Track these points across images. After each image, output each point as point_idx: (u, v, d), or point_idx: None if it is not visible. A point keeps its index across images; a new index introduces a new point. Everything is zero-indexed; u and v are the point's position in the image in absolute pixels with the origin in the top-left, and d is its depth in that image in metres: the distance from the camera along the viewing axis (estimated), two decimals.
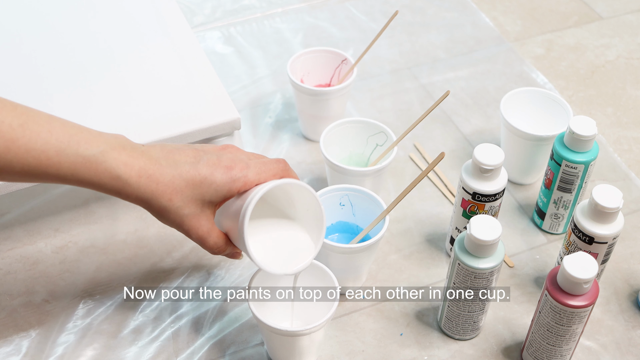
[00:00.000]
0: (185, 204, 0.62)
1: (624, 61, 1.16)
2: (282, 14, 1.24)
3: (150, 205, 0.62)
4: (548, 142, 0.88)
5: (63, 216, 0.90)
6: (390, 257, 0.87)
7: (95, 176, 0.59)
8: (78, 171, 0.59)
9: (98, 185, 0.60)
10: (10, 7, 0.97)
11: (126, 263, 0.85)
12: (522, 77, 1.12)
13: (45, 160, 0.57)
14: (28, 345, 0.78)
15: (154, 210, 0.63)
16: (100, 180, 0.60)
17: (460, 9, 1.26)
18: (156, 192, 0.61)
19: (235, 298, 0.82)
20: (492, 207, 0.79)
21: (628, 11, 1.27)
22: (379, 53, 1.16)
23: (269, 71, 1.12)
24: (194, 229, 0.64)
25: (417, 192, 0.94)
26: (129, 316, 0.80)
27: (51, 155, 0.57)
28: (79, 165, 0.58)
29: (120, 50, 0.92)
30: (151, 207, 0.62)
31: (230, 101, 0.86)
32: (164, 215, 0.63)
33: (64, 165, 0.58)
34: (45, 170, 0.58)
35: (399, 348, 0.78)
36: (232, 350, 0.77)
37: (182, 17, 0.98)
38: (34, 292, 0.83)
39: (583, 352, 0.78)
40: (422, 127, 1.03)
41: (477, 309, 0.74)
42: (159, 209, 0.62)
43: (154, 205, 0.62)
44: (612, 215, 0.73)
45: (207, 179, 0.62)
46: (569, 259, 0.66)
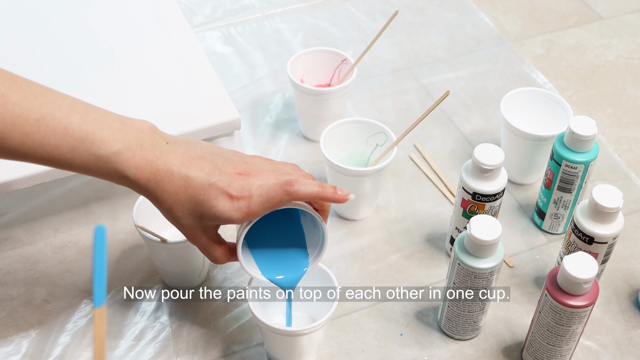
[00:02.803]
0: (184, 216, 0.63)
1: (624, 61, 1.16)
2: (282, 14, 1.24)
3: (155, 204, 0.64)
4: (548, 142, 0.88)
5: (63, 216, 0.90)
6: (390, 257, 0.87)
7: (107, 174, 0.61)
8: (90, 168, 0.60)
9: (108, 179, 0.62)
10: (10, 7, 0.97)
11: (126, 263, 0.85)
12: (522, 77, 1.12)
13: (58, 155, 0.59)
14: (28, 345, 0.78)
15: (158, 208, 0.64)
16: (110, 177, 0.61)
17: (460, 9, 1.26)
18: (160, 198, 0.62)
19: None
20: (492, 207, 0.79)
21: (628, 11, 1.27)
22: (379, 53, 1.16)
23: (269, 71, 1.12)
24: (192, 239, 0.66)
25: (417, 192, 0.94)
26: (129, 316, 0.80)
27: (64, 151, 0.59)
28: (91, 163, 0.60)
29: (121, 50, 0.92)
30: (156, 205, 0.64)
31: (230, 101, 0.86)
32: (165, 217, 0.65)
33: (76, 161, 0.59)
34: (57, 163, 0.59)
35: (399, 348, 0.78)
36: (232, 350, 0.77)
37: (182, 17, 0.98)
38: (34, 292, 0.83)
39: (583, 352, 0.78)
40: (422, 127, 1.03)
41: (477, 309, 0.74)
42: (161, 210, 0.64)
43: (157, 207, 0.64)
44: (612, 215, 0.73)
45: (209, 201, 0.62)
46: (569, 259, 0.66)
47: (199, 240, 0.66)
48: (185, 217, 0.63)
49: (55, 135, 0.58)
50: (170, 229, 0.82)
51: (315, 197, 0.63)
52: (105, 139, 0.60)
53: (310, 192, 0.62)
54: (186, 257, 0.78)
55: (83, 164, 0.60)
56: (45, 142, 0.58)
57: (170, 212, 0.63)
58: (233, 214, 0.62)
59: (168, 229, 0.82)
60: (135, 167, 0.61)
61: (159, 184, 0.62)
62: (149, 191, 0.62)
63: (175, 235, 0.80)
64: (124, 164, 0.60)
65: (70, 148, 0.59)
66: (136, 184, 0.62)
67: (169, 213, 0.64)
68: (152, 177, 0.61)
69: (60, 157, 0.59)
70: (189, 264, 0.79)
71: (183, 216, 0.63)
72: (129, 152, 0.60)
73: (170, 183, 0.62)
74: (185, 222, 0.64)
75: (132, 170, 0.61)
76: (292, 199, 0.62)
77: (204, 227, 0.65)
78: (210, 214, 0.62)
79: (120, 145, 0.60)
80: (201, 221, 0.64)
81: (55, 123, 0.58)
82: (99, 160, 0.60)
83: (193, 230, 0.65)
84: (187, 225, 0.64)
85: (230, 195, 0.62)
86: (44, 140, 0.58)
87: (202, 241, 0.66)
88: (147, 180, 0.61)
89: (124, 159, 0.60)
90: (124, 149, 0.60)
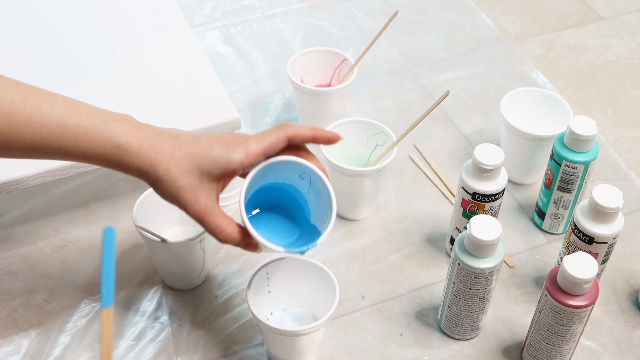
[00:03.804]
0: (182, 175, 0.61)
1: (624, 61, 1.16)
2: (282, 14, 1.24)
3: (148, 175, 0.61)
4: (548, 142, 0.88)
5: (63, 216, 0.90)
6: (390, 257, 0.87)
7: (97, 146, 0.60)
8: (80, 142, 0.59)
9: (100, 156, 0.60)
10: (10, 7, 0.97)
11: (126, 263, 0.85)
12: (522, 77, 1.12)
13: (46, 133, 0.58)
14: (28, 345, 0.78)
15: (152, 181, 0.62)
16: (102, 150, 0.60)
17: (460, 9, 1.26)
18: (155, 160, 0.61)
19: (235, 298, 0.82)
20: (492, 207, 0.79)
21: (628, 11, 1.27)
22: (379, 53, 1.16)
23: (269, 71, 1.12)
24: (190, 203, 0.61)
25: (417, 192, 0.94)
26: (129, 316, 0.80)
27: (52, 128, 0.58)
28: (80, 136, 0.59)
29: (120, 50, 0.92)
30: (149, 177, 0.61)
31: (230, 101, 0.86)
32: (160, 187, 0.62)
33: (65, 137, 0.59)
34: (47, 143, 0.58)
35: (399, 348, 0.78)
36: (232, 350, 0.77)
37: (182, 17, 0.98)
38: (34, 292, 0.83)
39: (583, 352, 0.78)
40: (422, 127, 1.03)
41: (477, 309, 0.74)
42: (156, 179, 0.61)
43: (152, 175, 0.61)
44: (612, 215, 0.73)
45: (205, 150, 0.61)
46: (569, 259, 0.66)
47: (197, 202, 0.61)
48: (183, 175, 0.61)
49: (42, 113, 0.58)
50: (170, 229, 0.82)
51: (308, 133, 0.63)
52: (91, 112, 0.60)
53: (303, 129, 0.63)
54: (186, 257, 0.78)
55: (72, 140, 0.59)
56: (32, 120, 0.58)
57: (168, 172, 0.61)
58: (231, 155, 0.61)
59: (168, 229, 0.82)
60: (126, 133, 0.60)
61: (152, 146, 0.61)
62: (142, 157, 0.60)
63: (175, 235, 0.80)
64: (114, 131, 0.60)
65: (58, 124, 0.58)
66: (129, 151, 0.60)
67: (167, 175, 0.61)
68: (144, 140, 0.61)
69: (48, 136, 0.58)
70: (189, 264, 0.79)
71: (181, 175, 0.61)
72: (117, 122, 0.60)
73: (162, 143, 0.61)
74: (185, 182, 0.61)
75: (123, 136, 0.60)
76: (287, 136, 0.62)
77: (204, 187, 0.61)
78: (207, 162, 0.61)
79: (107, 117, 0.60)
80: (201, 177, 0.61)
81: (40, 102, 0.58)
82: (88, 132, 0.59)
83: (193, 192, 0.61)
84: (187, 187, 0.61)
85: (225, 143, 0.62)
86: (30, 120, 0.58)
87: (202, 204, 0.61)
88: (139, 145, 0.60)
89: (113, 127, 0.60)
90: (111, 120, 0.60)
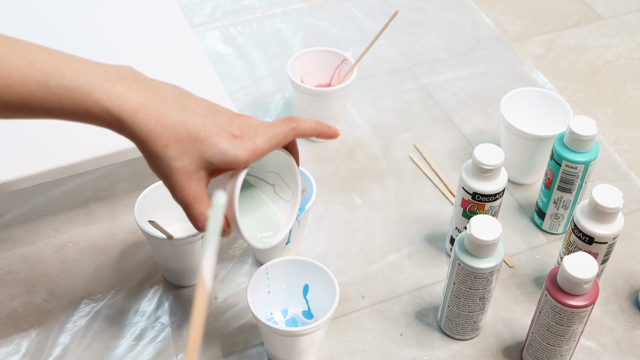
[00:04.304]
0: (180, 156, 0.55)
1: (624, 61, 1.16)
2: (282, 14, 1.24)
3: (142, 145, 0.55)
4: (548, 142, 0.88)
5: (63, 216, 0.90)
6: (390, 257, 0.87)
7: (84, 109, 0.53)
8: (64, 105, 0.53)
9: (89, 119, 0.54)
10: (10, 7, 0.97)
11: (126, 263, 0.85)
12: (522, 77, 1.12)
13: (26, 94, 0.52)
14: (28, 345, 0.78)
15: (146, 153, 0.56)
16: (89, 113, 0.53)
17: (460, 9, 1.26)
18: (153, 133, 0.54)
19: (235, 298, 0.82)
20: (492, 207, 0.79)
21: (628, 11, 1.27)
22: (379, 53, 1.16)
23: (269, 71, 1.12)
24: (181, 187, 0.57)
25: (417, 192, 0.94)
26: (129, 316, 0.80)
27: (32, 89, 0.52)
28: (64, 98, 0.53)
29: (120, 50, 0.92)
30: (144, 148, 0.55)
31: (230, 101, 0.86)
32: (154, 161, 0.56)
33: (47, 99, 0.53)
34: (28, 105, 0.53)
35: (399, 348, 0.78)
36: (232, 350, 0.77)
37: (182, 17, 0.98)
38: (34, 292, 0.83)
39: (583, 352, 0.78)
40: (422, 127, 1.03)
41: (477, 309, 0.74)
42: (151, 152, 0.55)
43: (147, 148, 0.55)
44: (612, 215, 0.73)
45: (212, 138, 0.56)
46: (569, 259, 0.66)
47: (190, 189, 0.57)
48: (180, 157, 0.55)
49: (21, 72, 0.52)
50: (170, 226, 0.82)
51: (314, 130, 0.63)
52: (78, 70, 0.53)
53: (310, 126, 0.62)
54: (188, 253, 0.78)
55: (55, 102, 0.52)
56: (9, 81, 0.52)
57: (166, 149, 0.54)
58: (238, 152, 0.56)
59: (168, 226, 0.82)
60: (118, 96, 0.52)
61: (151, 115, 0.53)
62: (137, 125, 0.53)
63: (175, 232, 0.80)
64: (102, 95, 0.52)
65: (39, 84, 0.52)
66: (120, 118, 0.53)
67: (163, 152, 0.55)
68: (142, 107, 0.53)
69: (28, 97, 0.52)
70: (191, 261, 0.79)
71: (178, 156, 0.55)
72: (109, 83, 0.53)
73: (164, 115, 0.54)
74: (180, 164, 0.55)
75: (115, 100, 0.52)
76: (295, 134, 0.61)
77: (199, 174, 0.57)
78: (212, 151, 0.56)
79: (95, 76, 0.52)
80: (199, 164, 0.56)
81: (19, 60, 0.52)
82: (72, 94, 0.52)
83: (187, 176, 0.56)
84: (180, 169, 0.56)
85: (233, 134, 0.57)
86: (8, 80, 0.52)
87: (192, 190, 0.57)
88: (134, 112, 0.53)
89: (102, 89, 0.52)
90: (101, 80, 0.52)
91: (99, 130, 0.59)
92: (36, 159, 0.78)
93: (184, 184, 0.57)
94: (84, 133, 0.75)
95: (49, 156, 0.78)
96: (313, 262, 0.74)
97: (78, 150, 0.79)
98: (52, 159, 0.78)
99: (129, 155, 0.80)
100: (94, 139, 0.79)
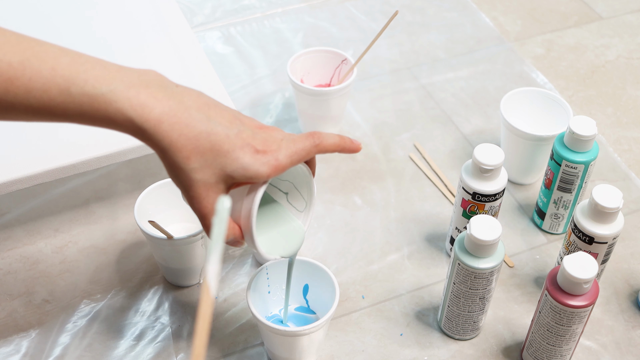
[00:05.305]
0: (201, 168, 0.55)
1: (624, 61, 1.16)
2: (282, 14, 1.23)
3: (164, 155, 0.55)
4: (548, 142, 0.88)
5: (63, 216, 0.90)
6: (390, 257, 0.87)
7: (106, 117, 0.52)
8: (85, 112, 0.52)
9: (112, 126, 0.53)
10: (10, 7, 0.97)
11: (126, 263, 0.85)
12: (522, 77, 1.12)
13: (48, 100, 0.51)
14: (28, 345, 0.78)
15: (167, 162, 0.56)
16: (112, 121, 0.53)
17: (460, 9, 1.26)
18: (176, 144, 0.54)
19: (234, 298, 0.82)
20: (492, 207, 0.79)
21: (628, 11, 1.27)
22: (379, 53, 1.16)
23: (269, 71, 1.12)
24: (199, 199, 0.56)
25: (417, 192, 0.94)
26: (129, 316, 0.80)
27: (54, 95, 0.51)
28: (85, 105, 0.52)
29: (121, 50, 0.92)
30: (166, 158, 0.55)
31: (230, 101, 0.86)
32: (175, 171, 0.56)
33: (69, 106, 0.52)
34: (50, 111, 0.52)
35: (399, 348, 0.78)
36: (232, 350, 0.77)
37: (182, 17, 0.98)
38: (34, 292, 0.83)
39: (583, 352, 0.78)
40: (422, 127, 1.03)
41: (477, 309, 0.74)
42: (172, 163, 0.55)
43: (168, 158, 0.55)
44: (612, 215, 0.73)
45: (235, 152, 0.55)
46: (569, 259, 0.66)
47: (209, 201, 0.56)
48: (202, 169, 0.55)
49: (42, 77, 0.51)
50: (170, 226, 0.82)
51: (337, 146, 0.62)
52: (101, 77, 0.52)
53: (333, 142, 0.61)
54: (188, 253, 0.78)
55: (77, 109, 0.52)
56: (31, 86, 0.51)
57: (187, 162, 0.54)
58: (260, 167, 0.56)
59: (168, 226, 0.82)
60: (142, 105, 0.52)
61: (174, 126, 0.53)
62: (160, 136, 0.53)
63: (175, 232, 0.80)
64: (125, 103, 0.51)
65: (60, 90, 0.51)
66: (143, 129, 0.52)
67: (185, 164, 0.54)
68: (166, 117, 0.52)
69: (50, 103, 0.51)
70: (191, 261, 0.79)
71: (200, 168, 0.55)
72: (132, 90, 0.52)
73: (189, 126, 0.53)
74: (201, 176, 0.55)
75: (138, 109, 0.52)
76: (318, 150, 0.60)
77: (219, 187, 0.56)
78: (234, 166, 0.55)
79: (119, 84, 0.52)
80: (220, 177, 0.56)
81: (41, 64, 0.51)
82: (94, 101, 0.51)
83: (206, 189, 0.56)
84: (200, 181, 0.55)
85: (255, 149, 0.56)
86: (29, 85, 0.51)
87: (212, 202, 0.56)
88: (158, 122, 0.52)
89: (125, 97, 0.52)
90: (124, 88, 0.52)
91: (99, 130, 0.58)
92: (36, 159, 0.78)
93: (203, 196, 0.56)
94: (84, 133, 0.75)
95: (49, 156, 0.78)
96: (313, 262, 0.74)
97: (78, 150, 0.79)
98: (52, 159, 0.78)
99: (129, 155, 0.80)
100: (93, 139, 0.79)
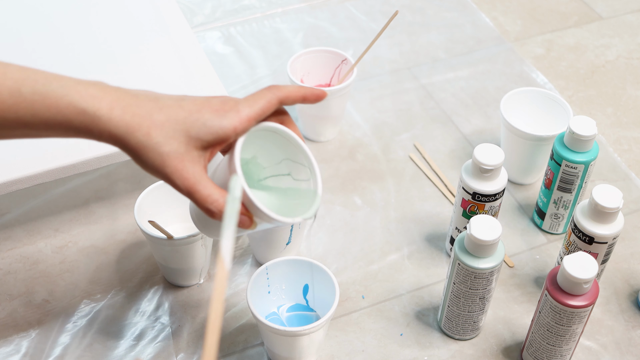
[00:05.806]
0: (165, 140, 0.53)
1: (624, 61, 1.16)
2: (282, 14, 1.24)
3: (125, 142, 0.53)
4: (548, 142, 0.88)
5: (63, 216, 0.90)
6: (390, 257, 0.87)
7: (58, 113, 0.52)
8: (37, 111, 0.52)
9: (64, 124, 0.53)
10: (10, 6, 0.97)
11: (126, 263, 0.85)
12: (522, 77, 1.12)
13: None
14: (28, 345, 0.78)
15: (130, 149, 0.54)
16: (64, 117, 0.52)
17: (460, 9, 1.26)
18: (131, 124, 0.53)
19: (235, 298, 0.82)
20: (492, 207, 0.79)
21: (628, 11, 1.27)
22: (379, 53, 1.16)
23: (269, 71, 1.12)
24: (177, 172, 0.54)
25: (417, 192, 0.94)
26: (128, 316, 0.80)
27: (5, 98, 0.51)
28: (37, 104, 0.52)
29: (120, 50, 0.92)
30: (126, 144, 0.54)
31: None
32: (142, 156, 0.54)
33: (21, 106, 0.52)
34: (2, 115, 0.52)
35: (399, 348, 0.78)
36: (232, 350, 0.77)
37: (182, 17, 0.98)
38: (34, 292, 0.83)
39: (583, 352, 0.78)
40: (422, 127, 1.03)
41: (477, 309, 0.74)
42: (135, 146, 0.53)
43: (130, 142, 0.53)
44: (612, 215, 0.73)
45: (193, 114, 0.54)
46: (569, 259, 0.66)
47: (188, 171, 0.54)
48: (166, 141, 0.53)
49: None
50: (170, 226, 0.82)
51: (298, 94, 0.59)
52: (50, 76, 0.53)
53: (292, 90, 0.59)
54: (188, 253, 0.78)
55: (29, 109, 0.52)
56: None
57: (149, 137, 0.53)
58: (222, 121, 0.54)
59: (168, 226, 0.82)
60: (91, 96, 0.52)
61: (126, 109, 0.53)
62: (115, 121, 0.52)
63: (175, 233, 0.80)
64: (75, 96, 0.52)
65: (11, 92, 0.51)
66: (97, 116, 0.52)
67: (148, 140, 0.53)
68: (116, 103, 0.53)
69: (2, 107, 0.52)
70: (191, 261, 0.79)
71: (164, 141, 0.53)
72: (80, 86, 0.52)
73: (139, 106, 0.53)
74: (168, 148, 0.53)
75: (89, 100, 0.52)
76: (278, 99, 0.58)
77: (192, 154, 0.54)
78: (196, 126, 0.54)
79: (68, 80, 0.52)
80: (188, 143, 0.54)
81: None
82: (45, 98, 0.52)
83: (180, 160, 0.54)
84: (172, 153, 0.54)
85: (213, 109, 0.55)
86: None
87: (192, 173, 0.54)
88: (109, 108, 0.52)
89: (75, 91, 0.52)
90: (72, 84, 0.52)
91: None
92: (36, 159, 0.78)
93: (179, 168, 0.54)
94: None
95: (49, 156, 0.78)
96: (313, 262, 0.74)
97: (78, 150, 0.79)
98: (52, 159, 0.78)
99: None
100: None
